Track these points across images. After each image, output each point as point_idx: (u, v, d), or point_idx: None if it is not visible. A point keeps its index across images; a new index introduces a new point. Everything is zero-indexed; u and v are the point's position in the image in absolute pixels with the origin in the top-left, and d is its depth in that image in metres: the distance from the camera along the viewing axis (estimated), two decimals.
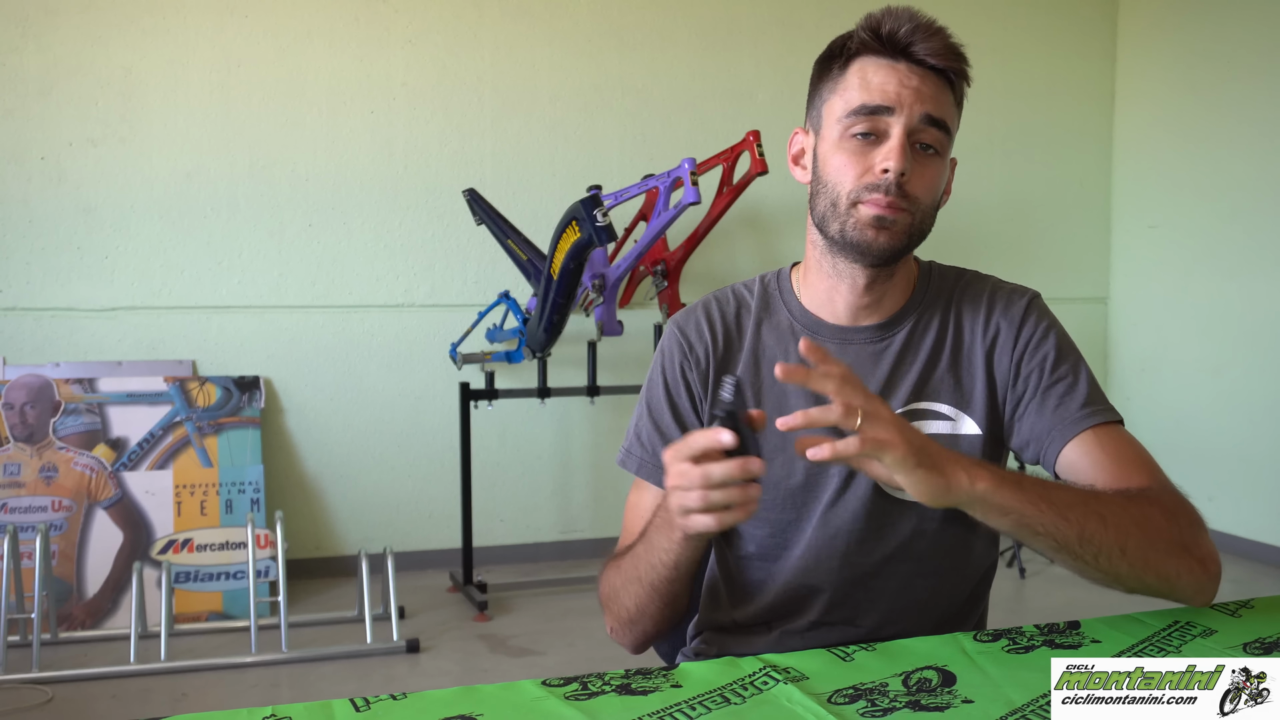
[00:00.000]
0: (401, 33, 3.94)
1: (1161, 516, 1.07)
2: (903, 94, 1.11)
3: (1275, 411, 4.11)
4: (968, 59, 1.16)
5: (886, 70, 1.13)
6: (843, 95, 1.15)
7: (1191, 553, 1.08)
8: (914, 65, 1.12)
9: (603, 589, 1.22)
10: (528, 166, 4.07)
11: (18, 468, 3.45)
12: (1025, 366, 1.21)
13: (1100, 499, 1.06)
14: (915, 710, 0.88)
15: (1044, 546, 1.03)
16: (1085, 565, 1.04)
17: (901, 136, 1.11)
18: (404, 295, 3.99)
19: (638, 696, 0.92)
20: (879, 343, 1.22)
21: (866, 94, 1.12)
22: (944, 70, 1.14)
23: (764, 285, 1.30)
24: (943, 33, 1.13)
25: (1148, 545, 1.05)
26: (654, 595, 1.14)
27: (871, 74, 1.13)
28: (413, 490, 4.03)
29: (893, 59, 1.13)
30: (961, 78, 1.16)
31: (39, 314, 3.68)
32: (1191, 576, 1.08)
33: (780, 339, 1.24)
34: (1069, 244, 4.81)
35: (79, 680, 2.92)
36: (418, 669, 3.05)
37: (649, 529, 1.12)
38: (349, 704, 0.90)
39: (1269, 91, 4.11)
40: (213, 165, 3.79)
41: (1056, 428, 1.17)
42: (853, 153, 1.14)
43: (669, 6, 4.20)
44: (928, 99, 1.12)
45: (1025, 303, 1.24)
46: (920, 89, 1.12)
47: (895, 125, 1.12)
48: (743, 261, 4.32)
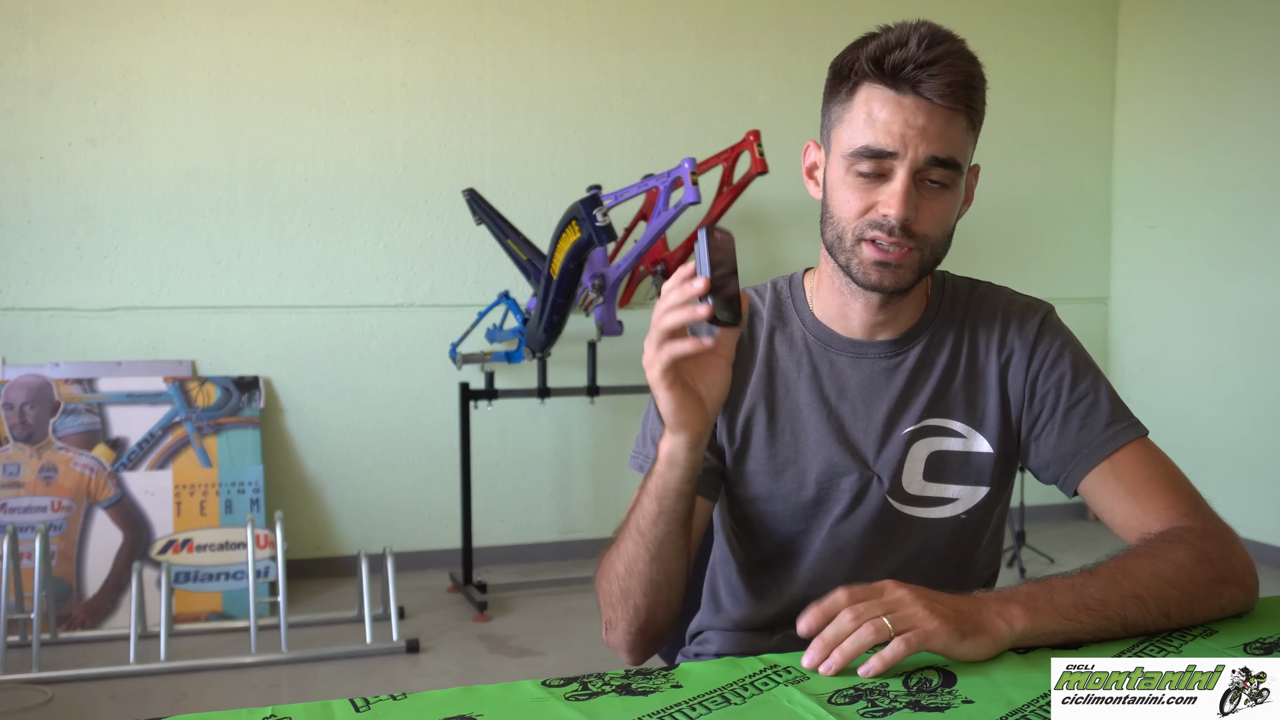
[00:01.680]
0: (401, 33, 3.94)
1: (1194, 561, 1.06)
2: (908, 135, 1.06)
3: (1275, 411, 4.11)
4: (982, 83, 1.10)
5: (893, 106, 1.07)
6: (848, 129, 1.10)
7: (1229, 581, 1.07)
8: (922, 99, 1.06)
9: (598, 579, 1.18)
10: (528, 166, 4.07)
11: (17, 468, 3.45)
12: (1041, 387, 1.19)
13: (1131, 575, 1.03)
14: (915, 710, 0.88)
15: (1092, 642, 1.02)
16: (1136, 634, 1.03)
17: (905, 180, 1.07)
18: (404, 295, 3.99)
19: (638, 697, 0.92)
20: (893, 358, 1.21)
21: (871, 134, 1.07)
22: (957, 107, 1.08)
23: (776, 292, 1.27)
24: (955, 63, 1.07)
25: (1189, 601, 1.04)
26: (641, 544, 1.09)
27: (877, 109, 1.08)
28: (412, 490, 4.03)
29: (899, 92, 1.07)
30: (975, 109, 1.10)
31: (38, 314, 3.68)
32: (1233, 602, 1.07)
33: (793, 350, 1.23)
34: (1069, 244, 4.81)
35: (79, 680, 2.92)
36: (418, 669, 3.05)
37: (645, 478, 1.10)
38: (349, 704, 0.90)
39: (1269, 91, 4.11)
40: (212, 165, 3.79)
41: (1081, 452, 1.16)
42: (855, 189, 1.10)
43: (669, 6, 4.20)
44: (934, 139, 1.07)
45: (1039, 321, 1.22)
46: (927, 128, 1.07)
47: (899, 168, 1.07)
48: (743, 261, 4.28)
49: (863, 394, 1.20)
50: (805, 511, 1.20)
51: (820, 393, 1.20)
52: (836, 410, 1.20)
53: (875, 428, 1.19)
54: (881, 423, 1.19)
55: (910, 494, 1.19)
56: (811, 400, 1.20)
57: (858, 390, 1.20)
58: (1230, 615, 1.08)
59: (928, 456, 1.19)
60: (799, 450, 1.19)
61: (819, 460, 1.19)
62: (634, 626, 1.14)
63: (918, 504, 1.19)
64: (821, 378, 1.21)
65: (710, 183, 3.77)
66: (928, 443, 1.19)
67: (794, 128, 4.25)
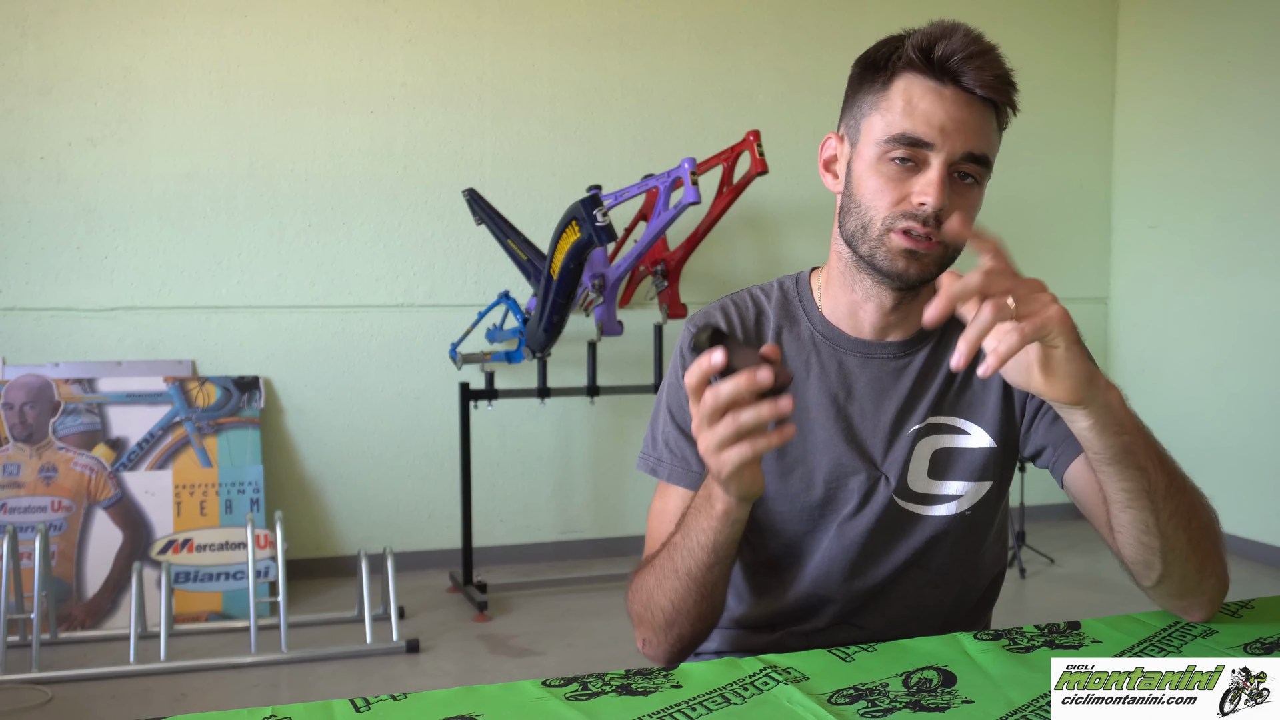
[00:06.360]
0: (401, 33, 3.94)
1: (1211, 515, 1.08)
2: (947, 126, 1.07)
3: (1275, 411, 4.11)
4: (1014, 88, 1.12)
5: (933, 96, 1.08)
6: (884, 115, 1.10)
7: (1222, 561, 1.08)
8: (961, 92, 1.08)
9: (633, 600, 1.17)
10: (528, 166, 4.07)
11: (17, 468, 3.45)
12: None
13: (1184, 473, 1.05)
14: (915, 710, 0.88)
15: (1130, 487, 1.01)
16: (1153, 523, 1.01)
17: (942, 170, 1.07)
18: (404, 295, 3.99)
19: (638, 697, 0.92)
20: (901, 359, 1.21)
21: (910, 122, 1.08)
22: (991, 100, 1.09)
23: (783, 291, 1.26)
24: (996, 60, 1.09)
25: (1204, 531, 1.04)
26: (692, 586, 1.09)
27: (918, 98, 1.08)
28: (413, 490, 4.03)
29: (940, 83, 1.08)
30: (1009, 107, 1.12)
31: (39, 314, 3.68)
32: (1216, 581, 1.08)
33: (802, 349, 1.22)
34: (1069, 244, 4.81)
35: (79, 680, 2.92)
36: (418, 669, 3.05)
37: (685, 516, 1.09)
38: (349, 704, 0.90)
39: (1269, 91, 4.11)
40: (212, 165, 3.79)
41: (1069, 438, 1.16)
42: (890, 178, 1.09)
43: (669, 6, 4.20)
44: (972, 133, 1.08)
45: None
46: (966, 121, 1.08)
47: (936, 158, 1.08)
48: (743, 261, 4.32)
49: (871, 394, 1.20)
50: (813, 512, 1.20)
51: (829, 393, 1.20)
52: (845, 410, 1.20)
53: (883, 428, 1.19)
54: (889, 423, 1.19)
55: (915, 492, 1.19)
56: (820, 400, 1.20)
57: (866, 390, 1.20)
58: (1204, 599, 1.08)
59: (932, 454, 1.20)
60: (807, 450, 1.19)
61: (827, 460, 1.19)
62: (676, 648, 1.16)
63: (923, 502, 1.20)
64: (830, 378, 1.21)
65: (710, 183, 3.77)
66: (932, 440, 1.20)
67: (794, 128, 4.26)
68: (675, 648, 1.16)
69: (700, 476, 1.20)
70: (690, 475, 1.20)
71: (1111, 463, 1.00)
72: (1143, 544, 1.04)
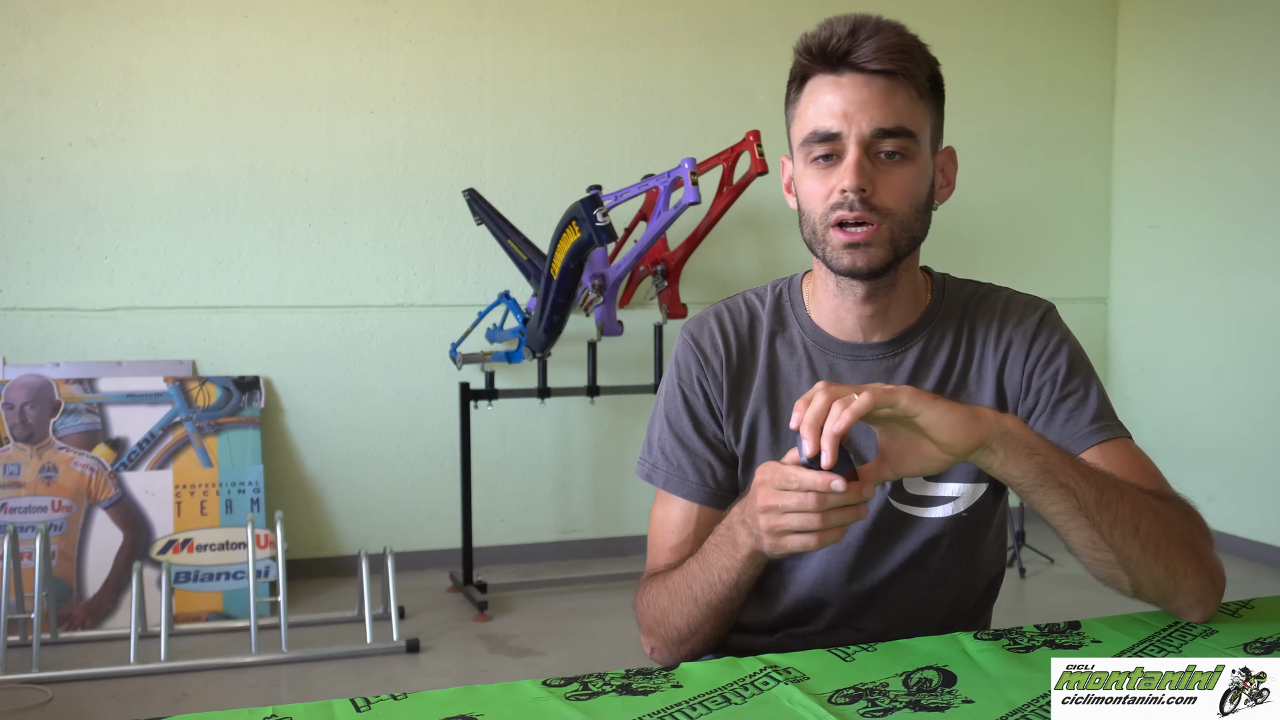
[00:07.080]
0: (401, 33, 3.94)
1: (1175, 514, 1.07)
2: (849, 110, 1.08)
3: (1275, 411, 4.11)
4: (917, 47, 1.11)
5: (831, 87, 1.10)
6: (799, 122, 1.14)
7: (1201, 559, 1.07)
8: (858, 74, 1.09)
9: (644, 610, 1.20)
10: (528, 166, 4.08)
11: (18, 468, 3.45)
12: (1036, 380, 1.20)
13: (1117, 480, 1.05)
14: (915, 710, 0.89)
15: (1061, 508, 1.00)
16: (1098, 538, 1.01)
17: (856, 154, 1.09)
18: (404, 295, 3.99)
19: (638, 696, 0.92)
20: (891, 359, 1.21)
21: (816, 119, 1.10)
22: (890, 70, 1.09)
23: (776, 296, 1.27)
24: (888, 32, 1.09)
25: (1161, 533, 1.03)
26: (710, 614, 1.13)
27: (821, 94, 1.11)
28: (413, 490, 4.03)
29: (836, 73, 1.10)
30: (914, 73, 1.10)
31: (39, 314, 3.68)
32: (1198, 580, 1.06)
33: (794, 355, 1.23)
34: (1069, 244, 4.81)
35: (79, 680, 2.92)
36: (418, 669, 3.05)
37: (706, 549, 1.11)
38: (349, 704, 0.90)
39: (1269, 91, 4.11)
40: (213, 165, 3.79)
41: (1064, 441, 1.16)
42: (816, 177, 1.12)
43: (669, 6, 4.20)
44: (876, 109, 1.08)
45: (1039, 317, 1.22)
46: (868, 100, 1.08)
47: (849, 144, 1.09)
48: (743, 261, 4.32)
49: None
50: None
51: None
52: None
53: None
54: None
55: (911, 494, 1.20)
56: None
57: None
58: (1190, 599, 1.07)
59: None
60: None
61: None
62: (684, 659, 1.19)
63: (919, 504, 1.20)
64: None
65: (710, 183, 3.77)
66: None
67: None
68: (684, 659, 1.18)
69: (697, 487, 1.21)
70: (687, 485, 1.21)
71: (1035, 488, 1.00)
72: (1099, 560, 1.04)
